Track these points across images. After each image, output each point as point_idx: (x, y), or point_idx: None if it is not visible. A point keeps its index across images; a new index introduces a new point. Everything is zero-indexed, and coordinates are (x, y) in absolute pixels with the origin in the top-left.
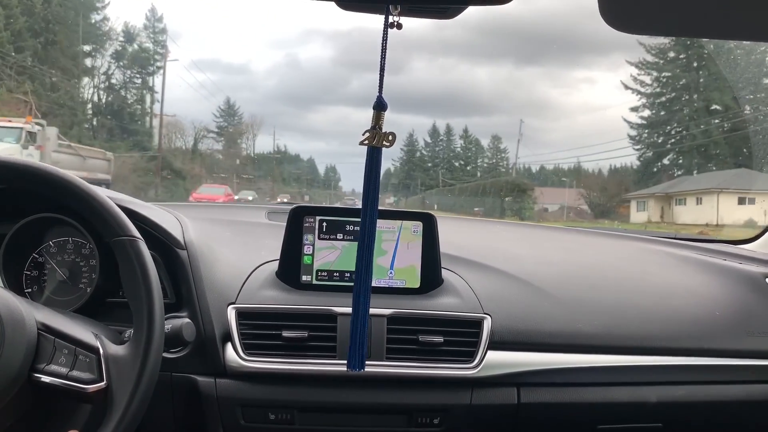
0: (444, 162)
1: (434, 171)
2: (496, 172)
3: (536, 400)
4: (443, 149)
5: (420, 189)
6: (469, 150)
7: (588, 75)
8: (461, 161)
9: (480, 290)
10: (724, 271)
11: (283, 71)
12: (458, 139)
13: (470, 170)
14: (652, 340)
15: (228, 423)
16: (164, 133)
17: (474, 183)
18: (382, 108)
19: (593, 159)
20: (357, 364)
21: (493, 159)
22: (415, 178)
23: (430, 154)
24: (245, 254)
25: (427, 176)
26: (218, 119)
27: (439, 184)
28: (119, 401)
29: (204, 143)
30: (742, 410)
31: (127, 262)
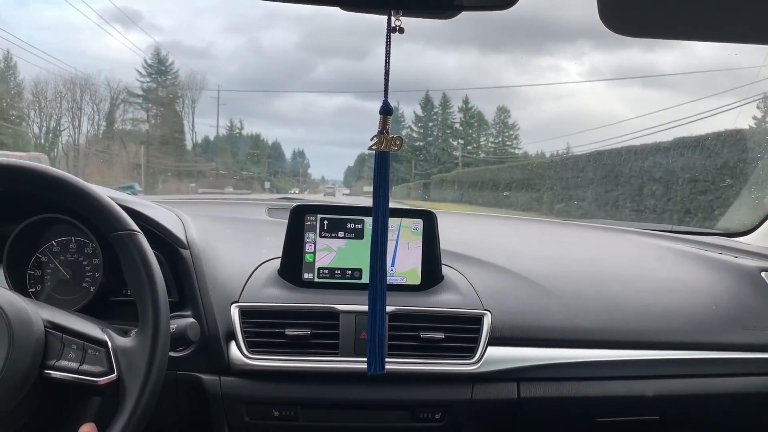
0: (440, 141)
1: (426, 152)
2: (504, 154)
3: (536, 395)
4: (438, 124)
5: (415, 176)
6: (470, 126)
7: (553, 63)
8: (460, 139)
9: (480, 287)
10: (720, 265)
11: (246, 56)
12: (457, 112)
13: (472, 150)
14: (649, 334)
15: (233, 420)
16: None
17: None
18: (389, 112)
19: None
20: (377, 366)
21: (499, 137)
22: (401, 161)
23: (422, 131)
24: (247, 252)
25: (417, 159)
26: (144, 78)
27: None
28: (131, 392)
29: (129, 113)
30: (738, 402)
31: (128, 256)
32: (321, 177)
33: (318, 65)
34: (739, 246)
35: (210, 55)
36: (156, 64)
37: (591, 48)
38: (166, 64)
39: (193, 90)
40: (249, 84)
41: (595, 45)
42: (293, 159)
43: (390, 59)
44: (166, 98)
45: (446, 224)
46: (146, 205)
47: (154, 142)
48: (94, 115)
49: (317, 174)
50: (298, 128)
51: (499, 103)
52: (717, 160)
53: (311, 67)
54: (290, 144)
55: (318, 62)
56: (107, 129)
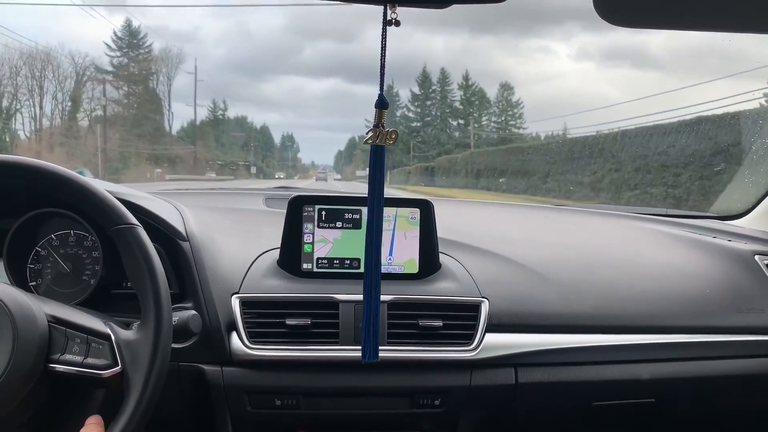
0: (438, 121)
1: (425, 133)
2: (508, 134)
3: (533, 380)
4: (437, 103)
5: (413, 158)
6: (471, 105)
7: (542, 44)
8: (460, 119)
9: (477, 274)
10: (714, 249)
11: (233, 39)
12: (456, 89)
13: (476, 131)
14: (645, 319)
15: (235, 410)
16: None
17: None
18: (384, 106)
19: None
20: (371, 354)
21: (502, 116)
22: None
23: (420, 110)
24: (246, 243)
25: (415, 141)
26: (114, 53)
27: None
28: (135, 384)
29: (97, 92)
30: (731, 384)
31: (128, 250)
32: (311, 162)
33: (305, 48)
34: (733, 229)
35: (196, 39)
36: (127, 37)
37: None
38: (138, 37)
39: (169, 65)
40: (236, 68)
41: (584, 26)
42: (282, 143)
43: (386, 53)
44: (139, 75)
45: (443, 212)
46: (144, 197)
47: (126, 123)
48: (57, 93)
49: (307, 159)
50: (287, 113)
51: (500, 81)
52: (712, 144)
53: (299, 50)
54: (279, 129)
55: (305, 45)
56: (72, 109)
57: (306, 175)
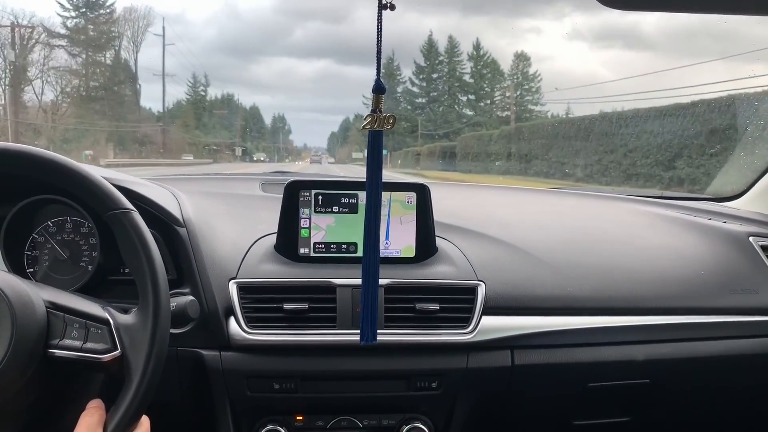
0: (446, 96)
1: (431, 110)
2: (525, 111)
3: (529, 362)
4: (444, 76)
5: (420, 137)
6: (483, 78)
7: (533, 24)
8: (470, 95)
9: (474, 258)
10: (709, 230)
11: (222, 20)
12: (467, 60)
13: (484, 107)
14: (639, 300)
15: (234, 394)
16: None
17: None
18: (381, 91)
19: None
20: (369, 336)
21: (518, 90)
22: (399, 120)
23: (425, 85)
24: (243, 228)
25: (420, 118)
26: (67, 12)
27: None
28: (136, 367)
29: (48, 59)
30: (725, 365)
31: (124, 235)
32: (303, 144)
33: (295, 29)
34: (728, 211)
35: (184, 20)
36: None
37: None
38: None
39: (135, 28)
40: (226, 49)
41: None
42: (273, 124)
43: (381, 36)
44: (98, 39)
45: (439, 196)
46: (140, 183)
47: (83, 97)
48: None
49: (299, 141)
50: (278, 95)
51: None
52: (708, 126)
53: (288, 31)
54: (270, 111)
55: (295, 26)
56: (13, 80)
57: (298, 157)
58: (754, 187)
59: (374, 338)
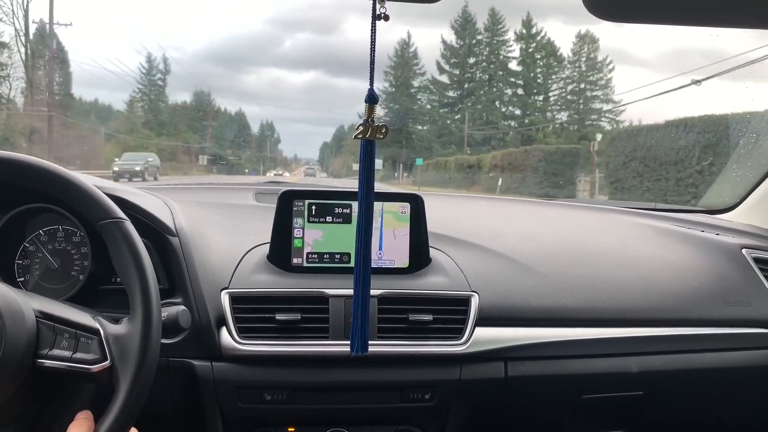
0: (487, 89)
1: (467, 108)
2: (591, 111)
3: (523, 373)
4: (484, 60)
5: (444, 146)
6: (534, 65)
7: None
8: (519, 88)
9: (467, 268)
10: (701, 243)
11: (210, 29)
12: (513, 41)
13: (542, 106)
14: (633, 312)
15: (225, 405)
16: None
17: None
18: (374, 101)
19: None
20: (360, 348)
21: (581, 84)
22: (416, 123)
23: (459, 72)
24: (236, 238)
25: (451, 118)
26: None
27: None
28: (125, 378)
29: None
30: (719, 376)
31: (116, 244)
32: (294, 155)
33: (285, 40)
34: (721, 223)
35: (171, 28)
36: None
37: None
38: None
39: None
40: (215, 58)
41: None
42: (260, 132)
43: (375, 47)
44: None
45: (433, 207)
46: (132, 192)
47: None
48: None
49: (289, 152)
50: (267, 105)
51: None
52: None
53: (278, 41)
54: (258, 120)
55: (285, 37)
56: None
57: (288, 168)
58: (747, 199)
59: (365, 349)
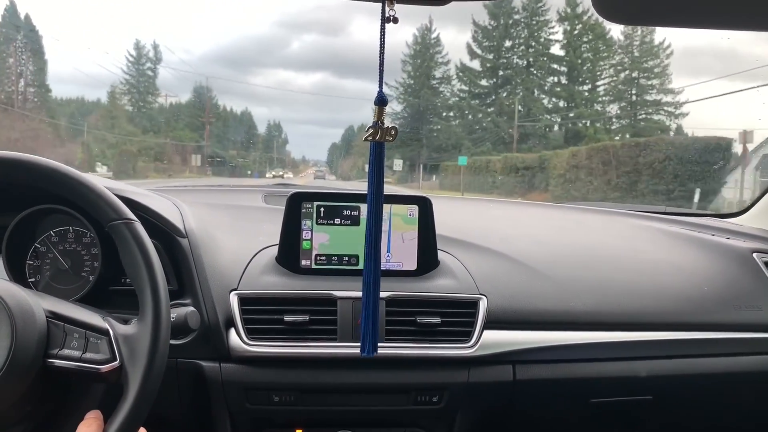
0: (524, 76)
1: (501, 100)
2: (643, 104)
3: (531, 377)
4: (523, 42)
5: (476, 143)
6: (580, 49)
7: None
8: (562, 75)
9: (475, 271)
10: (712, 246)
11: (218, 31)
12: (556, 22)
13: (590, 97)
14: (642, 316)
15: (233, 406)
16: None
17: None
18: (383, 103)
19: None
20: (369, 349)
21: (634, 71)
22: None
23: (493, 57)
24: (244, 240)
25: (483, 110)
26: None
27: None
28: (134, 378)
29: None
30: (729, 381)
31: (125, 245)
32: (302, 156)
33: (292, 41)
34: (731, 227)
35: (180, 31)
36: None
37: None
38: None
39: None
40: (223, 60)
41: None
42: (268, 131)
43: (384, 50)
44: None
45: (441, 210)
46: (142, 194)
47: None
48: None
49: (297, 154)
50: (274, 107)
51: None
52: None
53: (285, 43)
54: (265, 120)
55: (292, 38)
56: None
57: (296, 170)
58: (758, 203)
59: (374, 350)
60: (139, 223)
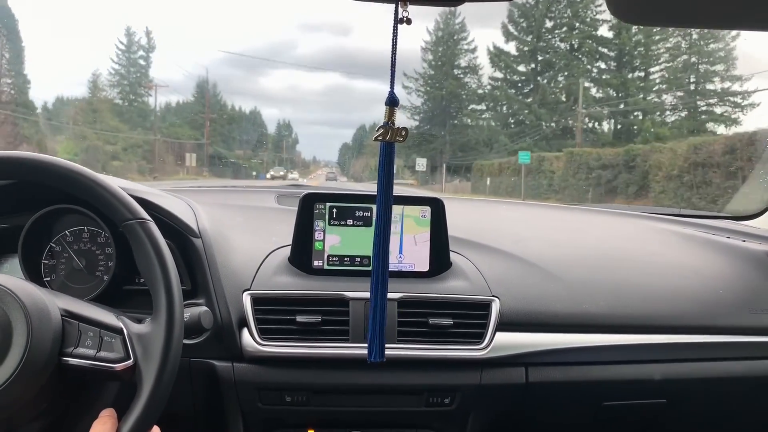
0: (563, 62)
1: (544, 90)
2: (703, 94)
3: (544, 379)
4: (567, 21)
5: (513, 137)
6: (632, 29)
7: None
8: (611, 60)
9: (488, 273)
10: (727, 249)
11: (229, 32)
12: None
13: (646, 85)
14: (656, 318)
15: (246, 406)
16: None
17: None
18: (394, 104)
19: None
20: (377, 354)
21: (695, 55)
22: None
23: (532, 38)
24: (257, 240)
25: (523, 100)
26: None
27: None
28: (148, 377)
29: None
30: (744, 385)
31: (139, 244)
32: (312, 157)
33: (302, 42)
34: (747, 230)
35: (191, 29)
36: None
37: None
38: None
39: None
40: (233, 60)
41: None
42: (277, 131)
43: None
44: None
45: (453, 211)
46: (157, 194)
47: None
48: None
49: (308, 154)
50: (285, 107)
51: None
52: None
53: (295, 44)
54: (275, 120)
55: (302, 39)
56: None
57: (306, 171)
58: None
59: (382, 356)
60: (153, 223)
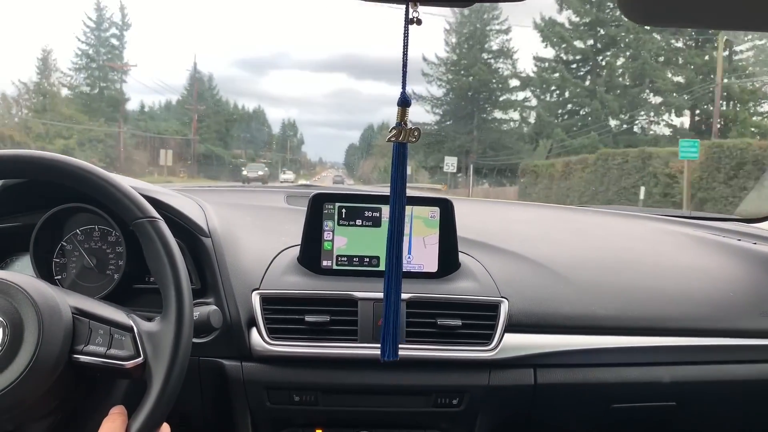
0: (630, 37)
1: (605, 73)
2: None
3: (552, 381)
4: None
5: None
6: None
7: None
8: (687, 38)
9: (497, 274)
10: (738, 251)
11: (235, 32)
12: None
13: (732, 67)
14: (666, 321)
15: (254, 405)
16: None
17: None
18: (406, 104)
19: None
20: (391, 353)
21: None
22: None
23: (595, 11)
24: (267, 240)
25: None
26: None
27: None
28: (158, 374)
29: None
30: (754, 389)
31: (149, 243)
32: (318, 158)
33: (309, 43)
34: (758, 232)
35: (197, 31)
36: None
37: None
38: None
39: None
40: (238, 62)
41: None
42: (282, 131)
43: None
44: None
45: (463, 211)
46: (167, 193)
47: None
48: None
49: (314, 155)
50: (291, 108)
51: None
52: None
53: (301, 45)
54: (279, 119)
55: (309, 40)
56: None
57: (312, 172)
58: None
59: (396, 355)
60: (163, 222)
